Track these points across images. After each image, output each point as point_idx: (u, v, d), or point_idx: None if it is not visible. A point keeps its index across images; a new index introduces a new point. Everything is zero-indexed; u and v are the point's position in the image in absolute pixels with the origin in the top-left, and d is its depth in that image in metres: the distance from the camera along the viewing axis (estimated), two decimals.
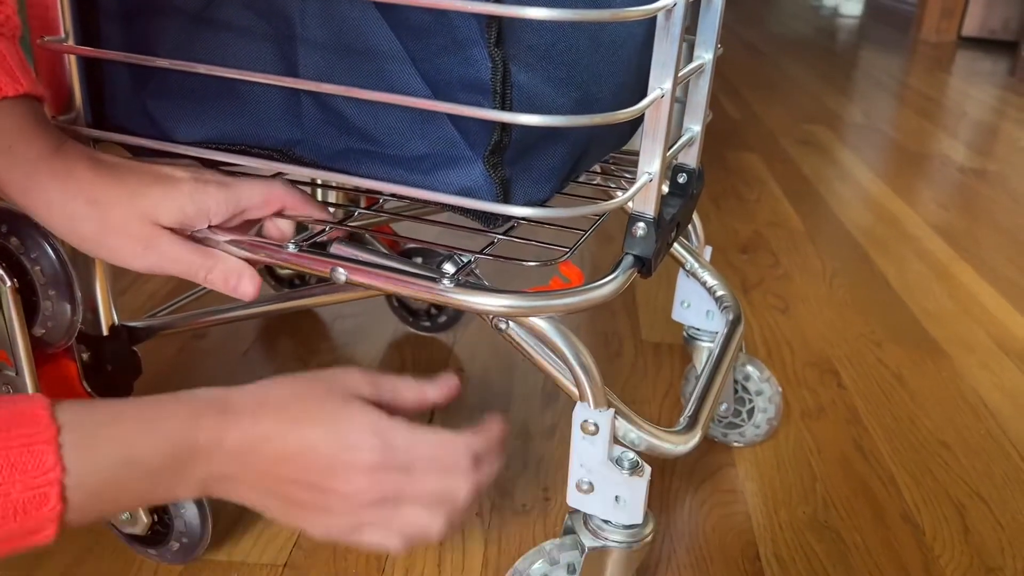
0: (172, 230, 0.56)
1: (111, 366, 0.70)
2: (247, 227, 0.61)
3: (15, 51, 0.55)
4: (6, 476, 0.41)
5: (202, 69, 0.53)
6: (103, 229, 0.55)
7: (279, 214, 0.61)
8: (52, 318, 0.63)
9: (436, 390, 0.58)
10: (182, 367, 1.05)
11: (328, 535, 0.52)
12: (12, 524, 0.42)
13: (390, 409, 0.53)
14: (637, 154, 0.75)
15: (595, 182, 0.76)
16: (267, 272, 1.17)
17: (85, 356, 0.69)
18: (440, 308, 1.14)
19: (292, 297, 0.94)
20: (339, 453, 0.50)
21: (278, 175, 0.62)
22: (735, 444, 0.94)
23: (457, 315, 1.14)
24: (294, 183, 0.62)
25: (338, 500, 0.51)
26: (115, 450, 0.46)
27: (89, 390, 0.69)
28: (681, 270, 0.85)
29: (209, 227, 0.58)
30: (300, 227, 0.61)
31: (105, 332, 0.69)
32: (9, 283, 0.60)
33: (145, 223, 0.55)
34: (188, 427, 0.48)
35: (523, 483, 0.87)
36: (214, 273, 0.58)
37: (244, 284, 0.58)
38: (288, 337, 1.14)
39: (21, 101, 0.54)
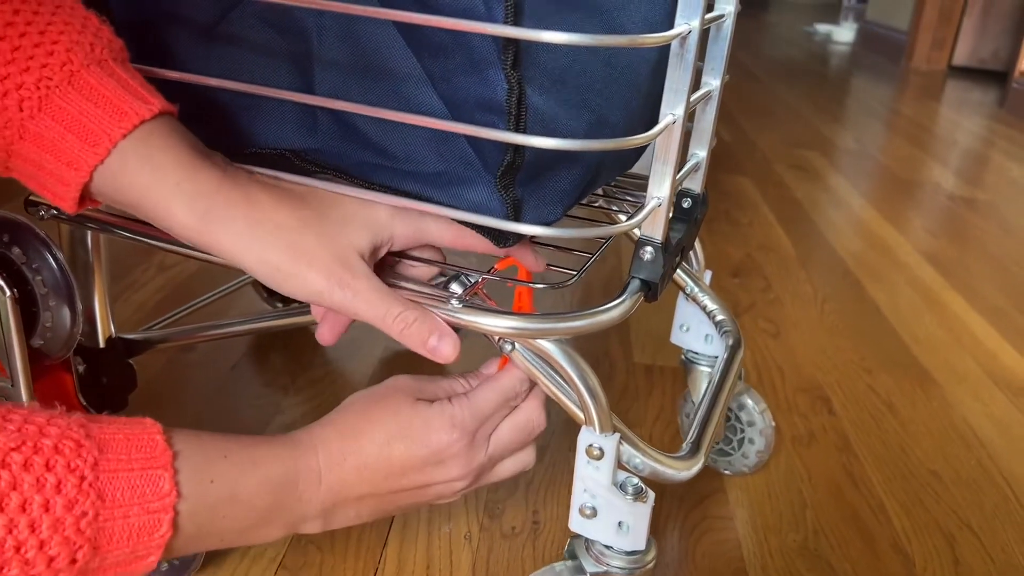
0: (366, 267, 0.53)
1: (107, 379, 0.70)
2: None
3: (133, 72, 0.51)
4: (127, 498, 0.42)
5: (215, 83, 0.53)
6: (295, 256, 0.50)
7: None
8: (52, 329, 0.62)
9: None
10: (170, 380, 1.04)
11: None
12: (125, 547, 0.42)
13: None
14: (639, 177, 0.76)
15: (596, 204, 0.76)
16: (259, 286, 1.16)
17: (81, 368, 0.68)
18: None
19: (287, 314, 0.94)
20: (428, 459, 0.56)
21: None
22: (724, 471, 0.94)
23: None
24: None
25: (441, 488, 0.57)
26: (224, 486, 0.48)
27: (85, 403, 0.68)
28: (681, 294, 0.85)
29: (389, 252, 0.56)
30: None
31: (102, 344, 0.69)
32: (9, 293, 0.58)
33: (338, 249, 0.51)
34: (288, 472, 0.52)
35: (512, 505, 0.86)
36: (413, 328, 0.53)
37: (445, 346, 0.54)
38: (278, 352, 1.13)
39: (161, 124, 0.50)
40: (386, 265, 0.57)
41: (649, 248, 0.56)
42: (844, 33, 5.41)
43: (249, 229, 0.50)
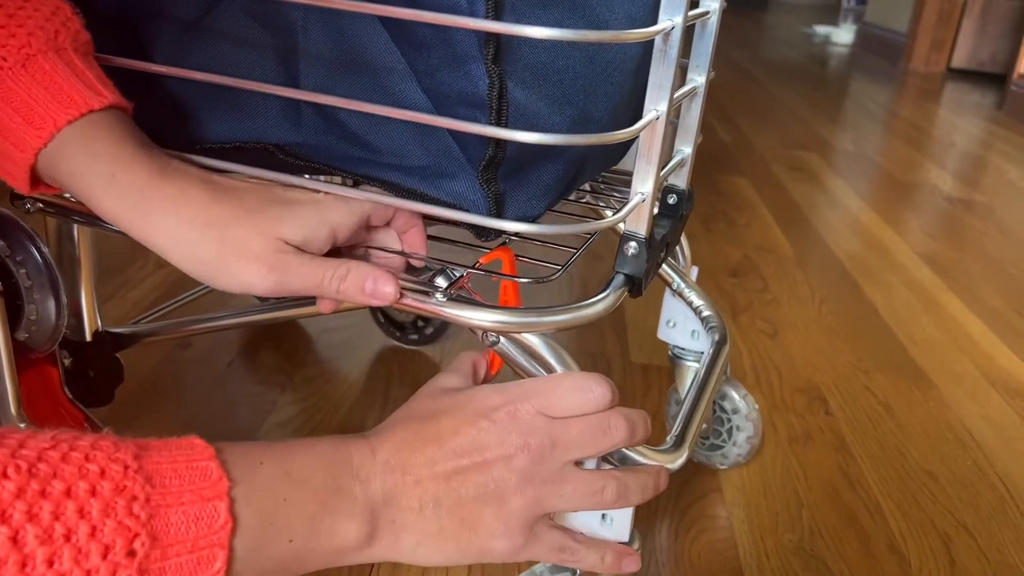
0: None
1: (93, 372, 0.70)
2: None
3: (92, 65, 0.52)
4: (176, 485, 0.39)
5: (200, 76, 0.53)
6: (223, 251, 0.50)
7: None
8: (36, 322, 0.62)
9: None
10: (166, 376, 1.04)
11: (514, 542, 0.51)
12: (185, 538, 0.39)
13: None
14: (626, 173, 0.76)
15: (584, 200, 0.76)
16: None
17: (67, 362, 0.68)
18: (427, 320, 1.13)
19: (278, 308, 0.94)
20: (478, 416, 0.51)
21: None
22: (720, 466, 0.94)
23: (444, 328, 1.14)
24: None
25: (501, 468, 0.50)
26: (274, 465, 0.45)
27: (71, 396, 0.68)
28: (667, 290, 0.85)
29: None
30: None
31: (89, 338, 0.69)
32: None
33: (268, 240, 0.50)
34: (338, 447, 0.49)
35: None
36: (347, 282, 0.52)
37: (381, 286, 0.52)
38: (273, 350, 1.13)
39: (110, 116, 0.50)
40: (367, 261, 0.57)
41: (633, 243, 0.56)
42: (843, 35, 5.41)
43: (179, 225, 0.50)
